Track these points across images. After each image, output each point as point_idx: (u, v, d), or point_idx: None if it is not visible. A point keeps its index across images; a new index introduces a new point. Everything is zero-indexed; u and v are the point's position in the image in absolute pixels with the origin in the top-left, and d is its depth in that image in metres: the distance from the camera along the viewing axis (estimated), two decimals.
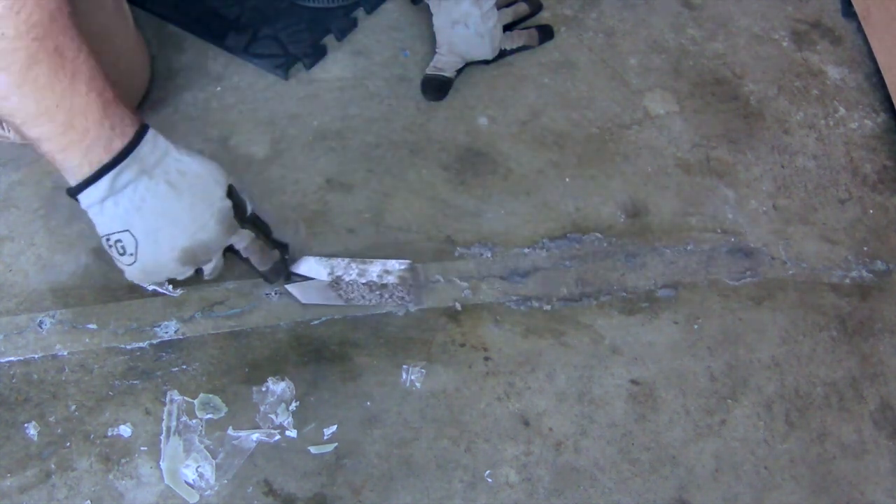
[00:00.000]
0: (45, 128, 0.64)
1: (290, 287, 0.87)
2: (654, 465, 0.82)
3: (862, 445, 0.85)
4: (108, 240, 0.71)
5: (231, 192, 0.75)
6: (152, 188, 0.69)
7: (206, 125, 1.02)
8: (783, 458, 0.84)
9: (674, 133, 1.07)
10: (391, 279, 0.87)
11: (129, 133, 0.68)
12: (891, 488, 0.83)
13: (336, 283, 0.86)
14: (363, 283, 0.86)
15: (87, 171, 0.67)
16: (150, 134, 0.70)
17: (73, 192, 0.69)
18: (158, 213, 0.70)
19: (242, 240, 0.77)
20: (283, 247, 0.84)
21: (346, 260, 0.88)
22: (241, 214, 0.77)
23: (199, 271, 0.77)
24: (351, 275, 0.86)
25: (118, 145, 0.67)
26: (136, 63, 0.97)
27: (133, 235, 0.70)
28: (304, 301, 0.88)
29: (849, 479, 0.83)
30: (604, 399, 0.86)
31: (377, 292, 0.87)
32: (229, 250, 0.78)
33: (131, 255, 0.71)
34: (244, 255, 0.79)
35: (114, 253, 0.72)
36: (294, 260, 0.88)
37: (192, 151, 0.74)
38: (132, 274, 0.74)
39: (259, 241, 0.79)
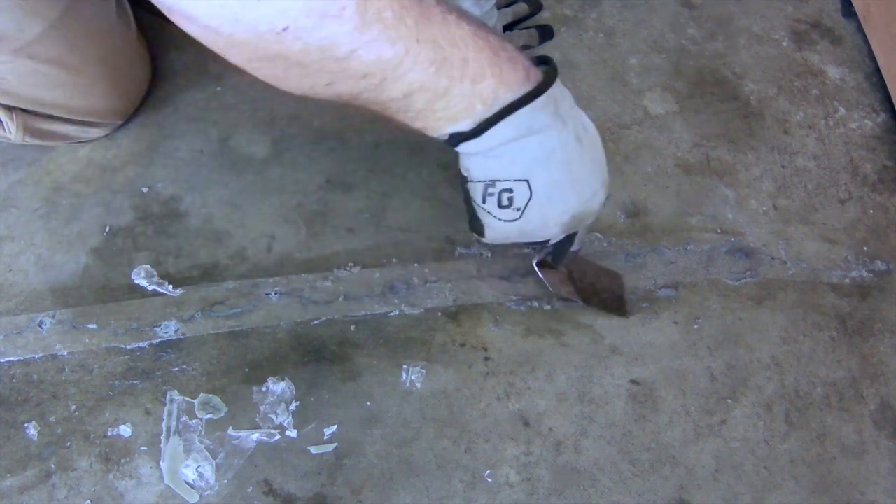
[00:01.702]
0: (444, 73, 0.53)
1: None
2: (654, 465, 0.82)
3: (862, 445, 0.85)
4: (491, 185, 0.59)
5: None
6: (563, 139, 0.59)
7: (206, 125, 1.01)
8: (783, 458, 0.84)
9: (674, 133, 1.07)
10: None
11: (533, 66, 0.57)
12: (891, 488, 0.83)
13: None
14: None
15: (504, 100, 0.55)
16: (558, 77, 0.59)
17: (477, 132, 0.56)
18: (564, 170, 0.60)
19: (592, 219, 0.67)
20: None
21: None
22: None
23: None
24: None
25: (536, 77, 0.57)
26: (137, 63, 0.97)
27: (530, 188, 0.59)
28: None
29: (849, 479, 0.83)
30: (604, 399, 0.86)
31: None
32: None
33: (517, 209, 0.60)
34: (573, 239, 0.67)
35: (490, 203, 0.61)
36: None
37: None
38: (502, 231, 0.62)
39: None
